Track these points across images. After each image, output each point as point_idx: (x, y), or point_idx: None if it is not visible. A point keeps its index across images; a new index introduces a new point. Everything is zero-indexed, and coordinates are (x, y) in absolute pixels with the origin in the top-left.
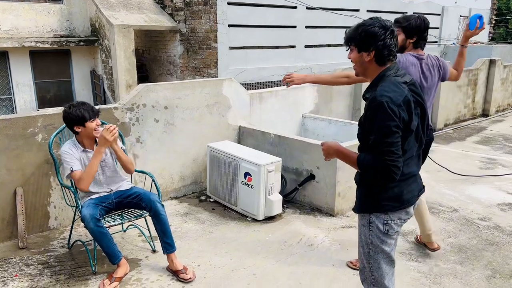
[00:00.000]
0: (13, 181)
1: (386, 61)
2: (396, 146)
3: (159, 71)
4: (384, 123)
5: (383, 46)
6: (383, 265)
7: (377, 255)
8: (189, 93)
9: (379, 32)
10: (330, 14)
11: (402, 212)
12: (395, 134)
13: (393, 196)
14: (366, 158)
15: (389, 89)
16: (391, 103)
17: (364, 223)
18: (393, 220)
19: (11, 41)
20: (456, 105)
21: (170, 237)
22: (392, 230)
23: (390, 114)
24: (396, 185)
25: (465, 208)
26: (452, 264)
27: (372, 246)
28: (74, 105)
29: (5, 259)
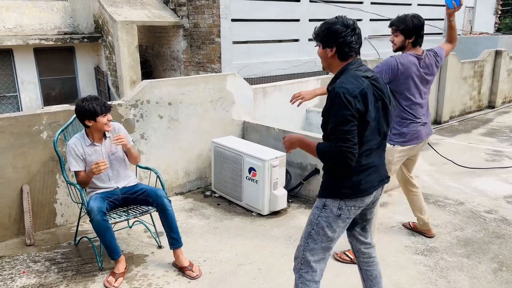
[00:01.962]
0: (19, 179)
1: (347, 56)
2: (351, 134)
3: (163, 66)
4: (340, 112)
5: (343, 43)
6: (319, 248)
7: (318, 236)
8: (193, 89)
9: (340, 29)
10: (334, 7)
11: (358, 200)
12: (350, 122)
13: (351, 184)
14: (324, 146)
15: (347, 81)
16: (347, 94)
17: (318, 205)
18: (348, 207)
19: (16, 39)
20: (462, 97)
21: (177, 233)
22: (344, 215)
23: (345, 103)
24: (355, 175)
25: (471, 200)
26: (459, 257)
27: (316, 227)
28: (87, 99)
29: (13, 256)
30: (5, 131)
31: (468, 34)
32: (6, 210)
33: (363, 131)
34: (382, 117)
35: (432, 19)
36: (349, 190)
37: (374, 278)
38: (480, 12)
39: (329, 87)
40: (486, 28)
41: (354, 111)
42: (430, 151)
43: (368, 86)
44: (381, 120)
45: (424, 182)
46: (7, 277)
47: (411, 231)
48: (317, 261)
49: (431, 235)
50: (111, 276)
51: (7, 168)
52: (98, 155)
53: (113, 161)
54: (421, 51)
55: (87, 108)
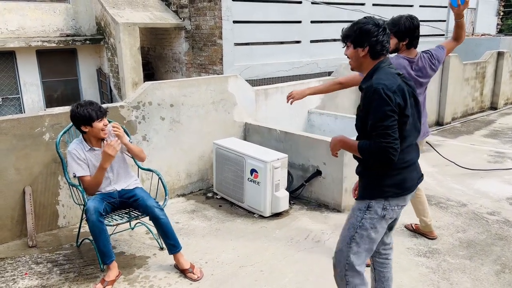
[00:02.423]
0: (22, 180)
1: (379, 55)
2: (392, 129)
3: (165, 68)
4: (380, 108)
5: (376, 42)
6: (362, 251)
7: (361, 239)
8: (195, 91)
9: (373, 29)
10: (335, 9)
11: (401, 198)
12: (391, 117)
13: (396, 183)
14: (365, 144)
15: (384, 77)
16: (386, 89)
17: (361, 207)
18: (392, 206)
19: (18, 41)
20: (464, 98)
21: (173, 238)
22: (389, 215)
23: (385, 99)
24: (399, 172)
25: (474, 202)
26: (461, 259)
27: (360, 229)
28: (81, 104)
29: (15, 257)
30: (8, 133)
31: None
32: (9, 212)
33: (403, 126)
34: (416, 113)
35: (434, 21)
36: (394, 189)
37: (386, 280)
38: (482, 13)
39: (362, 85)
40: (488, 30)
41: (394, 106)
42: (432, 153)
43: (402, 83)
44: (415, 116)
45: (426, 184)
46: (9, 279)
47: (413, 232)
48: (361, 264)
49: (433, 237)
50: (100, 283)
51: (9, 170)
52: (98, 159)
53: (113, 163)
54: (415, 53)
55: (82, 113)
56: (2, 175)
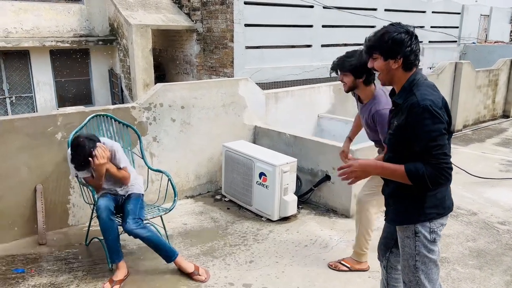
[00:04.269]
0: (34, 179)
1: (412, 66)
2: (447, 148)
3: (176, 70)
4: (433, 127)
5: (410, 52)
6: (432, 274)
7: (425, 265)
8: (206, 93)
9: (406, 38)
10: (347, 13)
11: (444, 218)
12: (444, 136)
13: (437, 203)
14: (418, 167)
15: (429, 92)
16: (435, 106)
17: (408, 234)
18: (437, 227)
19: (32, 41)
20: (476, 106)
21: (164, 249)
22: (438, 237)
23: (437, 116)
24: (438, 191)
25: (484, 211)
26: (471, 268)
27: (419, 257)
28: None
29: (25, 254)
30: (21, 131)
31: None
32: (20, 209)
33: (449, 141)
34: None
35: (446, 27)
36: (437, 210)
37: None
38: (495, 20)
39: (398, 100)
40: (502, 37)
41: (445, 123)
42: None
43: (443, 97)
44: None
45: None
46: (19, 276)
47: None
48: (435, 284)
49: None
50: (108, 282)
51: (22, 168)
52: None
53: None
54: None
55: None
56: (15, 173)
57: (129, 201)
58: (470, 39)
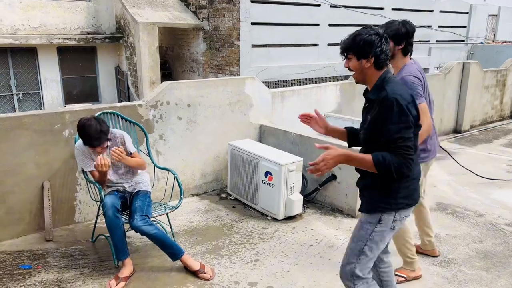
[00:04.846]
0: (41, 175)
1: (383, 65)
2: (411, 141)
3: (182, 68)
4: (400, 119)
5: (380, 52)
6: (371, 261)
7: (371, 251)
8: (212, 91)
9: (376, 39)
10: (354, 12)
11: (409, 209)
12: (409, 129)
13: (408, 195)
14: (385, 157)
15: (399, 88)
16: (403, 100)
17: (371, 220)
18: (401, 218)
19: (40, 38)
20: (483, 106)
21: (170, 247)
22: (397, 226)
23: (404, 110)
24: (410, 184)
25: (491, 212)
26: (477, 270)
27: (370, 242)
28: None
29: (32, 250)
30: (29, 128)
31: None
32: (27, 206)
33: (416, 137)
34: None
35: (454, 26)
36: (406, 201)
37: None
38: (504, 20)
39: (371, 96)
40: (510, 37)
41: (412, 117)
42: (449, 161)
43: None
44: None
45: (442, 192)
46: (26, 272)
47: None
48: (367, 272)
49: (435, 255)
50: (113, 279)
51: (29, 165)
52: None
53: (115, 169)
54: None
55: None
56: (22, 170)
57: (137, 198)
58: (478, 38)
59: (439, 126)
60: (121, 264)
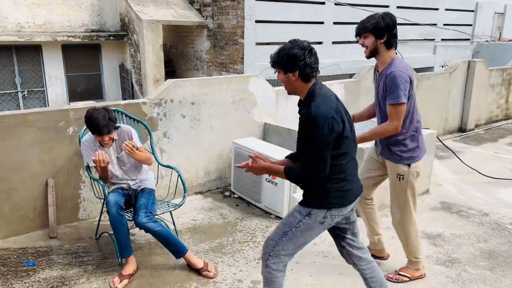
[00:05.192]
0: (45, 173)
1: (310, 77)
2: (325, 161)
3: (186, 66)
4: (318, 137)
5: (304, 65)
6: (291, 245)
7: (294, 236)
8: (216, 89)
9: (299, 53)
10: (359, 10)
11: (343, 209)
12: (326, 148)
13: (340, 195)
14: (295, 171)
15: (322, 103)
16: (324, 117)
17: (302, 211)
18: (332, 216)
19: (45, 35)
20: (489, 105)
21: (174, 244)
22: (327, 222)
23: (323, 128)
24: (343, 185)
25: (496, 212)
26: (482, 270)
27: (294, 229)
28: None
29: (36, 247)
30: (33, 125)
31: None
32: (31, 203)
33: (344, 144)
34: (352, 130)
35: (459, 25)
36: (337, 201)
37: (382, 283)
38: (510, 18)
39: (302, 111)
40: None
41: (331, 134)
42: (454, 160)
43: (338, 103)
44: (353, 132)
45: (447, 191)
46: (30, 269)
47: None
48: (287, 255)
49: (382, 256)
50: (117, 277)
51: (34, 162)
52: (108, 153)
53: (120, 165)
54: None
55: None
56: (27, 167)
57: (142, 195)
58: (483, 37)
59: (444, 125)
60: (125, 262)
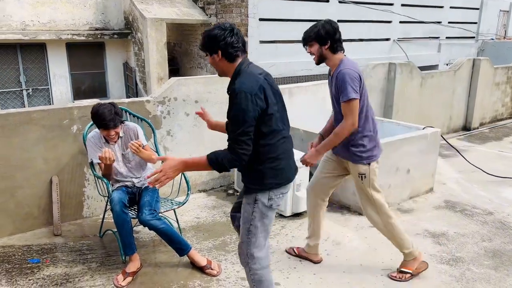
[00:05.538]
0: (49, 170)
1: (235, 57)
2: (248, 136)
3: (190, 64)
4: (239, 113)
5: (225, 45)
6: (260, 238)
7: (256, 229)
8: (219, 88)
9: (219, 33)
10: (363, 8)
11: (283, 187)
12: (247, 123)
13: (275, 174)
14: (218, 155)
15: (246, 80)
16: (248, 93)
17: (250, 201)
18: (276, 195)
19: (49, 34)
20: (493, 103)
21: (178, 242)
22: (275, 203)
23: (246, 103)
24: (277, 164)
25: (501, 211)
26: (486, 269)
27: (253, 222)
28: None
29: (41, 245)
30: (38, 123)
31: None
32: (36, 200)
33: (271, 121)
34: (282, 110)
35: (464, 23)
36: (275, 180)
37: None
38: None
39: (228, 90)
40: None
41: (254, 110)
42: (458, 158)
43: (264, 82)
44: (283, 113)
45: (451, 190)
46: (34, 266)
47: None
48: (261, 249)
49: (316, 261)
50: (120, 274)
51: (38, 160)
52: (113, 150)
53: (129, 159)
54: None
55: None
56: (31, 164)
57: (146, 193)
58: (488, 35)
59: (448, 123)
60: (129, 259)
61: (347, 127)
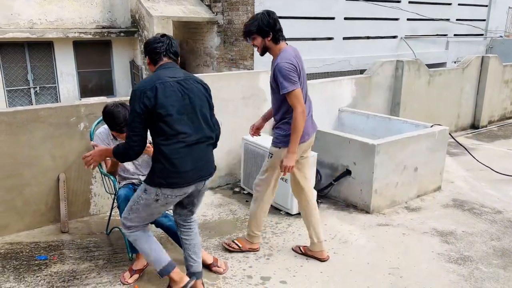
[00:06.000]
0: (57, 168)
1: (156, 61)
2: (134, 131)
3: (196, 62)
4: (131, 109)
5: (150, 51)
6: (135, 218)
7: (137, 211)
8: (226, 85)
9: (149, 41)
10: (371, 5)
11: (176, 190)
12: (135, 118)
13: (164, 175)
14: (120, 147)
15: (143, 81)
16: (138, 91)
17: (142, 188)
18: (164, 195)
19: (56, 32)
20: (502, 101)
21: None
22: (162, 201)
23: (135, 100)
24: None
25: (510, 210)
26: (495, 268)
27: (136, 204)
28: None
29: (48, 242)
30: (45, 121)
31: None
32: (43, 198)
33: (166, 123)
34: (192, 114)
35: (473, 20)
36: (162, 180)
37: (193, 247)
38: None
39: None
40: None
41: (140, 108)
42: (467, 156)
43: (167, 83)
44: (192, 117)
45: (459, 188)
46: (42, 263)
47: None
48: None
49: (323, 259)
50: (127, 271)
51: (45, 157)
52: None
53: None
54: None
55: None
56: (39, 162)
57: None
58: (497, 32)
59: (456, 122)
60: (135, 257)
61: (298, 115)
